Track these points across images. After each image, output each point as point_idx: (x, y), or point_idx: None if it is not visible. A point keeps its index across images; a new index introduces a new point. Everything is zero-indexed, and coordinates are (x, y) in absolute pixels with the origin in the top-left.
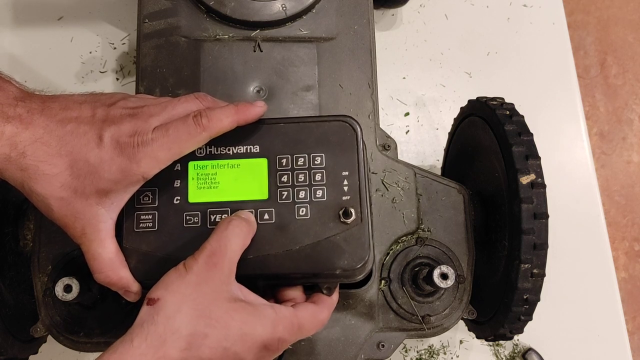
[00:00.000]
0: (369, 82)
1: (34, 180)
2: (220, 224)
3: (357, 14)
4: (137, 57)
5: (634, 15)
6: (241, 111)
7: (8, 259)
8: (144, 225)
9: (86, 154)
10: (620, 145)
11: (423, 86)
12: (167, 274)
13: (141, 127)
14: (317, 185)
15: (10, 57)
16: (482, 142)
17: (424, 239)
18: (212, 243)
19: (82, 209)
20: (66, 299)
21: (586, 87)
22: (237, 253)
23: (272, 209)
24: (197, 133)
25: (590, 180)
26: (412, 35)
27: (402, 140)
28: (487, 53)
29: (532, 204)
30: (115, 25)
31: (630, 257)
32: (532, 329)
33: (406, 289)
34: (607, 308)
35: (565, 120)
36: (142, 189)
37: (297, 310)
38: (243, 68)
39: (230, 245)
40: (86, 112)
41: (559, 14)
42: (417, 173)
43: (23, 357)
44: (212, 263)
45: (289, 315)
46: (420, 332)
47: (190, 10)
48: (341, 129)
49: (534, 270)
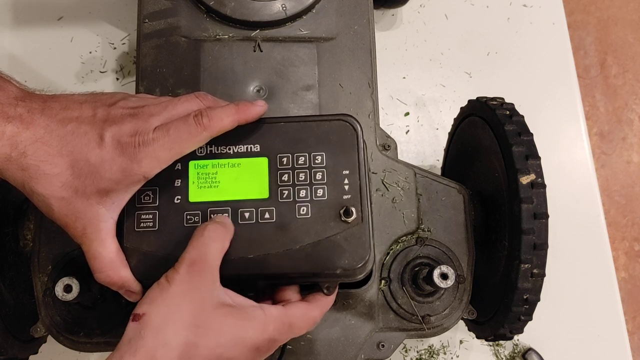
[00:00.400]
0: (369, 81)
1: (35, 180)
2: (196, 232)
3: (357, 14)
4: (137, 57)
5: (634, 15)
6: (242, 110)
7: (8, 259)
8: (145, 225)
9: (87, 153)
10: (620, 145)
11: (423, 86)
12: (151, 288)
13: (142, 127)
14: (317, 184)
15: (10, 57)
16: (482, 142)
17: (424, 239)
18: (191, 252)
19: (83, 208)
20: (66, 299)
21: (586, 87)
22: (218, 258)
23: (273, 208)
24: (198, 132)
25: (590, 180)
26: (412, 35)
27: (402, 140)
28: (487, 53)
29: (532, 204)
30: (115, 25)
31: (630, 257)
32: (532, 329)
33: (406, 289)
34: (607, 308)
35: (565, 120)
36: (142, 188)
37: (287, 309)
38: (243, 68)
39: (209, 250)
40: (87, 111)
41: (559, 14)
42: (417, 173)
43: (23, 357)
44: (193, 272)
45: (279, 315)
46: (420, 332)
47: (190, 10)
48: (342, 128)
49: (534, 270)
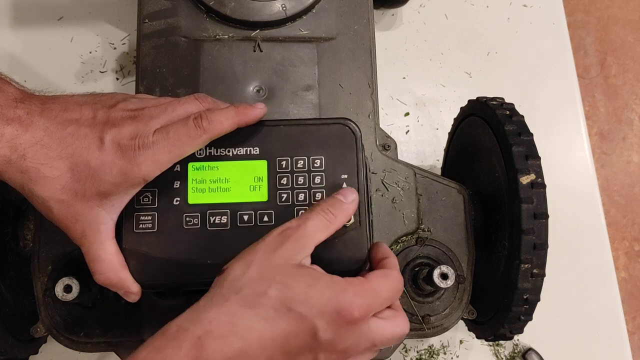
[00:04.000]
0: (369, 82)
1: (35, 183)
2: (307, 211)
3: (357, 14)
4: (137, 57)
5: (634, 15)
6: (241, 113)
7: (8, 259)
8: (144, 226)
9: (87, 156)
10: (620, 145)
11: (423, 86)
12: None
13: (142, 129)
14: (316, 188)
15: (10, 57)
16: (482, 142)
17: (424, 239)
18: (292, 221)
19: (83, 211)
20: (66, 299)
21: (586, 87)
22: (315, 235)
23: (272, 211)
24: (198, 135)
25: (590, 180)
26: (412, 35)
27: (402, 140)
28: (487, 53)
29: (532, 204)
30: (115, 25)
31: (630, 257)
32: (532, 329)
33: (406, 289)
34: (607, 308)
35: (565, 120)
36: (141, 189)
37: (365, 276)
38: (243, 68)
39: (311, 225)
40: (87, 114)
41: (559, 14)
42: (417, 173)
43: (23, 357)
44: (285, 235)
45: (359, 281)
46: (420, 332)
47: (190, 10)
48: (341, 132)
49: (534, 270)
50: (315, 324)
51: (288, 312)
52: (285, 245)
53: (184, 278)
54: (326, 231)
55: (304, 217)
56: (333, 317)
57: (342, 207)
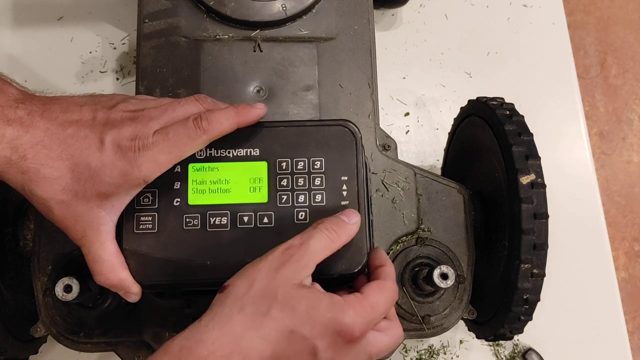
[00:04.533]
0: (369, 82)
1: (35, 183)
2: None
3: (357, 14)
4: (137, 57)
5: (634, 15)
6: (241, 114)
7: (8, 259)
8: (144, 227)
9: (87, 157)
10: (620, 145)
11: (423, 86)
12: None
13: (142, 130)
14: (316, 189)
15: (10, 57)
16: (482, 142)
17: (424, 239)
18: (295, 239)
19: (83, 211)
20: (66, 299)
21: (586, 87)
22: (317, 254)
23: (272, 213)
24: (197, 136)
25: (590, 180)
26: (412, 35)
27: (402, 140)
28: (487, 53)
29: (532, 204)
30: (115, 25)
31: (630, 257)
32: (532, 329)
33: (406, 289)
34: (607, 308)
35: (565, 120)
36: (142, 190)
37: (361, 291)
38: (243, 68)
39: (313, 243)
40: (87, 115)
41: (559, 14)
42: (417, 173)
43: (23, 357)
44: (288, 254)
45: (357, 299)
46: (420, 332)
47: (190, 10)
48: (341, 133)
49: (534, 270)
50: (316, 345)
51: (290, 334)
52: (288, 265)
53: (183, 279)
54: (328, 250)
55: (306, 236)
56: (334, 338)
57: (345, 227)
